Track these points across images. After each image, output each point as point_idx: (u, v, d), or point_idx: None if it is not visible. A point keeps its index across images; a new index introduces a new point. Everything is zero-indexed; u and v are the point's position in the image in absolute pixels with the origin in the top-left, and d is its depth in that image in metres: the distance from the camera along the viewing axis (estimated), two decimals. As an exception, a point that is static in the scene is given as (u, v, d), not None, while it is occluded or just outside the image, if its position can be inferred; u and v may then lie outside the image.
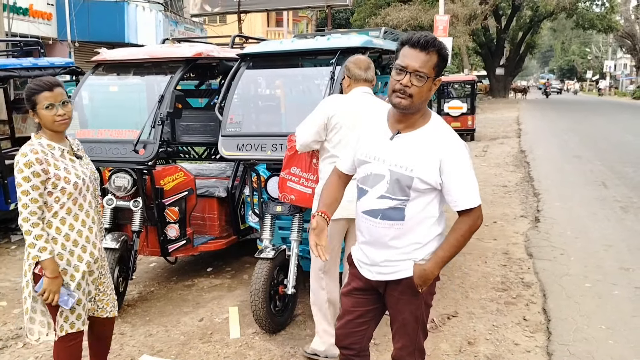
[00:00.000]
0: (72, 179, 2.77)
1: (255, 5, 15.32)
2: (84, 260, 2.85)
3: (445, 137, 2.32)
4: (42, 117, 2.76)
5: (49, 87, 2.77)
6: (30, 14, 16.94)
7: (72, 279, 2.82)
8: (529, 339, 3.97)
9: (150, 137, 4.33)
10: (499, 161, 12.54)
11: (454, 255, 2.40)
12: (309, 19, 40.82)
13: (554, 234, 6.52)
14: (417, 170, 2.27)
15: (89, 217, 2.89)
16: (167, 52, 4.87)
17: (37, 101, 2.75)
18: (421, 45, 2.21)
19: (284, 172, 3.76)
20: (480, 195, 2.35)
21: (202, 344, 3.96)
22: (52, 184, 2.72)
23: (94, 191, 2.95)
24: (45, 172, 2.69)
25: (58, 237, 2.78)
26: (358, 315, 2.59)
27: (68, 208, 2.79)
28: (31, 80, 2.86)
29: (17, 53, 7.74)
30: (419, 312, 2.47)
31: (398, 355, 2.55)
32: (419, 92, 2.23)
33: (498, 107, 31.79)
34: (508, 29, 41.10)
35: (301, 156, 3.70)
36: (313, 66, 4.92)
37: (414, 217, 2.34)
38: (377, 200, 2.36)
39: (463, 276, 5.19)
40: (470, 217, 2.33)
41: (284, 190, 3.77)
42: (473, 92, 16.81)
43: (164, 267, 5.64)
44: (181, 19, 23.81)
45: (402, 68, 2.23)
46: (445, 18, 19.30)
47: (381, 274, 2.44)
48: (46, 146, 2.77)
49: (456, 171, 2.28)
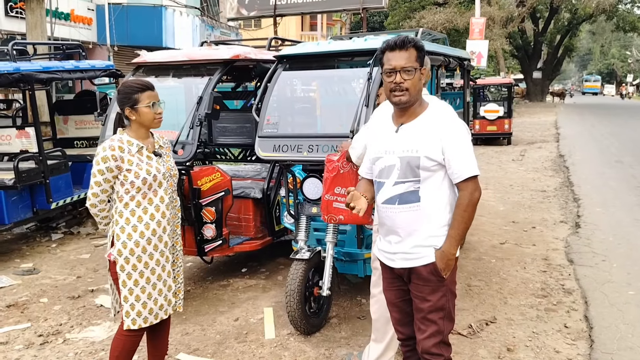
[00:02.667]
0: (141, 175, 2.91)
1: (290, 9, 15.43)
2: (147, 252, 2.95)
3: (444, 119, 2.51)
4: (143, 114, 2.93)
5: (151, 87, 2.98)
6: (72, 19, 17.40)
7: (134, 268, 2.93)
8: (570, 346, 3.87)
9: (189, 138, 4.38)
10: (537, 166, 12.29)
11: (464, 232, 2.54)
12: (343, 23, 40.81)
13: (596, 240, 6.34)
14: (422, 149, 2.46)
15: (159, 211, 2.98)
16: (205, 55, 4.92)
17: (140, 99, 2.92)
18: (399, 45, 2.48)
19: (327, 194, 3.63)
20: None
21: (238, 343, 3.98)
22: (123, 176, 2.90)
23: (168, 187, 3.05)
24: (119, 168, 2.89)
25: (126, 227, 2.92)
26: (403, 303, 2.69)
27: (137, 201, 2.94)
28: (125, 80, 3.03)
29: (59, 56, 7.95)
30: (444, 300, 2.55)
31: (424, 347, 2.57)
32: (412, 84, 2.46)
33: (535, 111, 31.21)
34: (545, 31, 40.31)
35: (344, 175, 3.57)
36: (349, 67, 4.90)
37: (428, 197, 2.49)
38: (392, 188, 2.54)
39: (501, 282, 5.09)
40: (467, 190, 2.47)
41: (330, 212, 3.64)
42: (510, 96, 16.53)
43: (200, 266, 5.70)
44: (217, 24, 24.10)
45: (390, 70, 2.48)
46: (481, 21, 19.10)
47: (406, 260, 2.55)
48: (126, 142, 2.93)
49: (454, 145, 2.46)
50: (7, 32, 15.10)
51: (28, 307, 4.73)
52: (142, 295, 2.96)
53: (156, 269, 3.00)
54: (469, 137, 2.56)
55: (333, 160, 3.59)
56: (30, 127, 6.42)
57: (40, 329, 4.29)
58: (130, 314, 2.95)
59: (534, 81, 42.14)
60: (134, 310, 2.95)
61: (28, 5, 10.05)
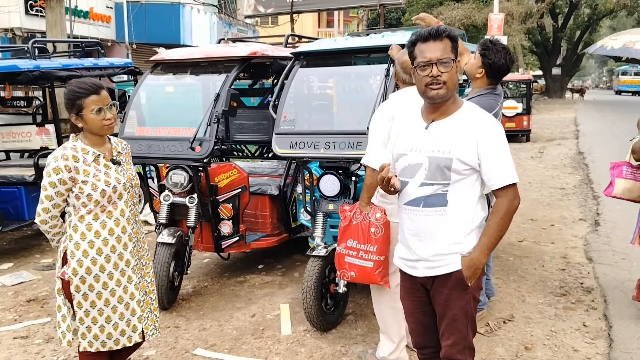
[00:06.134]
0: (99, 186, 2.63)
1: (307, 6, 15.42)
2: (105, 271, 2.68)
3: (481, 119, 2.37)
4: (89, 121, 2.62)
5: (95, 89, 2.62)
6: (91, 17, 17.61)
7: (90, 288, 2.66)
8: (589, 345, 3.83)
9: (206, 135, 4.40)
10: (556, 163, 12.16)
11: (497, 240, 2.38)
12: (360, 20, 40.73)
13: (615, 238, 6.26)
14: (454, 151, 2.31)
15: (119, 225, 2.70)
16: (223, 52, 4.94)
17: (84, 105, 2.60)
18: (433, 36, 2.31)
19: (340, 247, 3.43)
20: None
21: (254, 339, 4.00)
22: (78, 189, 2.61)
23: (129, 198, 2.77)
24: (73, 180, 2.60)
25: (81, 243, 2.65)
26: (421, 314, 2.59)
27: (95, 214, 2.66)
28: (69, 82, 2.71)
29: (78, 54, 8.03)
30: (469, 307, 2.44)
31: (448, 353, 2.50)
32: (450, 77, 2.30)
33: (554, 108, 30.84)
34: (565, 27, 39.77)
35: (356, 227, 3.35)
36: (366, 64, 4.88)
37: (456, 202, 2.35)
38: (418, 189, 2.39)
39: (519, 280, 5.05)
40: (506, 197, 2.35)
41: (342, 267, 3.42)
42: (529, 92, 16.31)
43: (217, 263, 5.73)
44: (234, 21, 24.19)
45: (426, 63, 2.30)
46: (500, 16, 18.85)
47: (430, 269, 2.42)
48: (80, 150, 2.64)
49: (493, 150, 2.31)
50: (27, 30, 15.31)
51: (48, 302, 4.79)
52: (99, 317, 2.69)
53: (117, 290, 2.71)
54: (506, 141, 2.41)
55: (346, 210, 3.41)
56: (50, 124, 6.50)
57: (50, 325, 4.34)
58: (86, 336, 2.70)
59: (553, 77, 41.63)
60: (91, 333, 2.70)
61: (48, 4, 10.16)
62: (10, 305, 4.73)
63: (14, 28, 15.07)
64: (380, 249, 3.26)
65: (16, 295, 4.95)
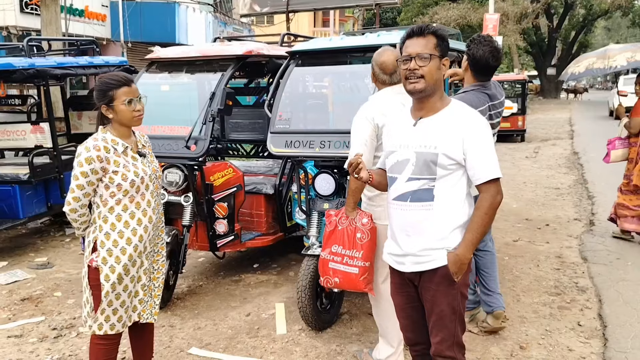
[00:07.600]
0: (129, 177, 2.74)
1: (303, 5, 15.36)
2: (132, 260, 2.80)
3: (467, 117, 2.42)
4: (120, 112, 2.74)
5: (127, 82, 2.76)
6: (86, 15, 17.52)
7: (119, 278, 2.77)
8: (584, 345, 3.84)
9: (202, 134, 4.40)
10: (551, 163, 12.18)
11: (482, 235, 2.42)
12: (356, 19, 40.77)
13: (610, 237, 6.28)
14: (440, 146, 2.36)
15: (146, 215, 2.84)
16: (218, 50, 4.93)
17: (116, 96, 2.71)
18: (416, 32, 2.40)
19: (324, 252, 3.37)
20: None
21: (249, 338, 3.99)
22: (109, 179, 2.72)
23: (154, 189, 2.90)
24: (104, 170, 2.71)
25: (111, 234, 2.76)
26: (412, 309, 2.61)
27: (124, 205, 2.77)
28: (101, 75, 2.84)
29: (73, 52, 8.00)
30: (456, 303, 2.48)
31: (438, 350, 2.52)
32: (428, 71, 2.34)
33: (549, 108, 30.92)
34: (560, 28, 39.88)
35: (342, 232, 3.29)
36: (362, 63, 4.87)
37: (443, 197, 2.40)
38: (405, 184, 2.44)
39: (514, 279, 5.06)
40: (489, 193, 2.38)
41: (326, 273, 3.36)
42: (524, 92, 16.35)
43: (212, 262, 5.72)
44: (230, 20, 24.15)
45: (406, 57, 2.39)
46: (495, 17, 18.90)
47: (416, 264, 2.46)
48: (110, 141, 2.75)
49: (477, 146, 2.36)
50: (22, 28, 15.23)
51: (42, 300, 4.78)
52: (115, 301, 2.81)
53: (142, 277, 2.90)
54: (492, 138, 2.47)
55: (331, 215, 3.36)
56: (44, 123, 6.47)
57: (54, 322, 4.33)
58: (102, 324, 2.82)
59: (548, 78, 41.73)
60: (103, 315, 2.81)
61: (43, 2, 10.13)
62: (5, 304, 4.71)
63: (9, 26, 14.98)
64: (365, 255, 3.22)
65: (10, 294, 4.93)
